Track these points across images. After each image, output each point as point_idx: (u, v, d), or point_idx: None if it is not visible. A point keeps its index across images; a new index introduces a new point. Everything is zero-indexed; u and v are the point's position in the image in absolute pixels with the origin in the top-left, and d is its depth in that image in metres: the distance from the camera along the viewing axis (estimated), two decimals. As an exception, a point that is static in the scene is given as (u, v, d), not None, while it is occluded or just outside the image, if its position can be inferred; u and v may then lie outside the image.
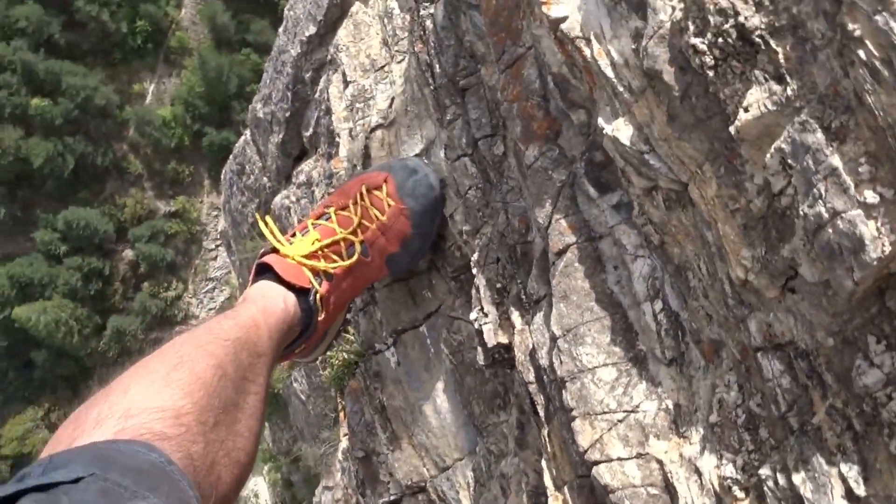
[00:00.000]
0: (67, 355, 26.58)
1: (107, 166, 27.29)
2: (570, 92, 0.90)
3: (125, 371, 0.91)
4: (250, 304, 1.18)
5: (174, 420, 0.81)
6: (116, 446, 0.72)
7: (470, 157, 1.25)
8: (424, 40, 1.35)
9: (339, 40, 1.72)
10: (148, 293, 27.84)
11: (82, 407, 0.85)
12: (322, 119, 6.93)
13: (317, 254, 1.37)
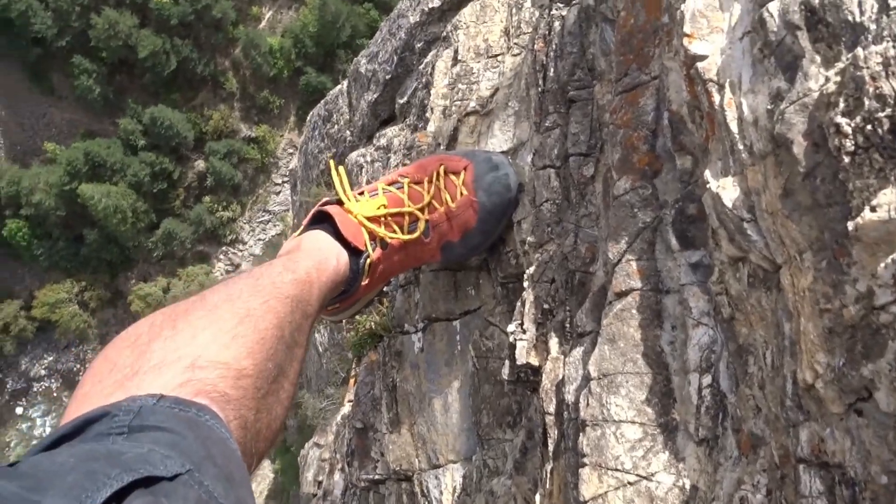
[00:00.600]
0: (115, 242, 27.40)
1: (205, 76, 27.91)
2: (683, 135, 0.85)
3: (190, 302, 0.87)
4: (306, 257, 1.15)
5: (235, 381, 0.78)
6: (200, 417, 0.70)
7: (557, 170, 1.20)
8: (547, 40, 1.31)
9: (460, 17, 1.68)
10: (206, 207, 28.48)
11: (143, 327, 0.82)
12: (419, 91, 6.95)
13: (379, 219, 1.35)
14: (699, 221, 0.82)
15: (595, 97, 1.15)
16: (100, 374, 0.77)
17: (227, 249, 29.92)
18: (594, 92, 1.15)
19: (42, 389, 29.44)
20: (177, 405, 0.70)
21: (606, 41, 1.12)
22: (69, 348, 29.39)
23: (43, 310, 27.66)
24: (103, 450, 0.60)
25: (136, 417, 0.66)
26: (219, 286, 0.94)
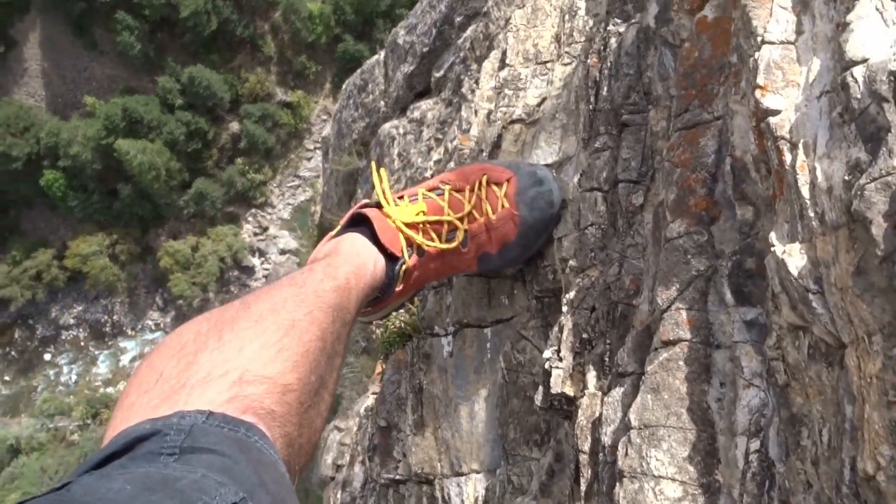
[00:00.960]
0: (148, 198, 27.74)
1: (244, 38, 27.94)
2: (746, 185, 0.81)
3: (235, 310, 0.86)
4: (345, 262, 1.13)
5: (280, 396, 0.77)
6: (250, 437, 0.69)
7: (604, 194, 1.17)
8: (601, 56, 1.27)
9: (514, 21, 1.64)
10: (238, 169, 28.68)
11: (188, 335, 0.81)
12: (456, 66, 6.90)
13: (418, 226, 1.33)
14: (757, 277, 0.79)
15: (649, 123, 1.11)
16: (146, 383, 0.76)
17: (257, 212, 30.17)
18: (649, 117, 1.11)
19: (70, 338, 30.08)
20: (226, 424, 0.69)
21: (665, 66, 1.08)
22: (98, 300, 29.94)
23: (75, 260, 28.18)
24: (158, 476, 0.59)
25: (188, 438, 0.65)
26: (262, 293, 0.93)
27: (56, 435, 27.89)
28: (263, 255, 29.94)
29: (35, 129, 27.01)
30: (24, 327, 30.13)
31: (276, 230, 30.13)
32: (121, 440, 0.66)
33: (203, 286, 28.37)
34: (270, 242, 30.00)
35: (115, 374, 29.67)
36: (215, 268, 28.45)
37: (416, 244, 1.32)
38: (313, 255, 1.31)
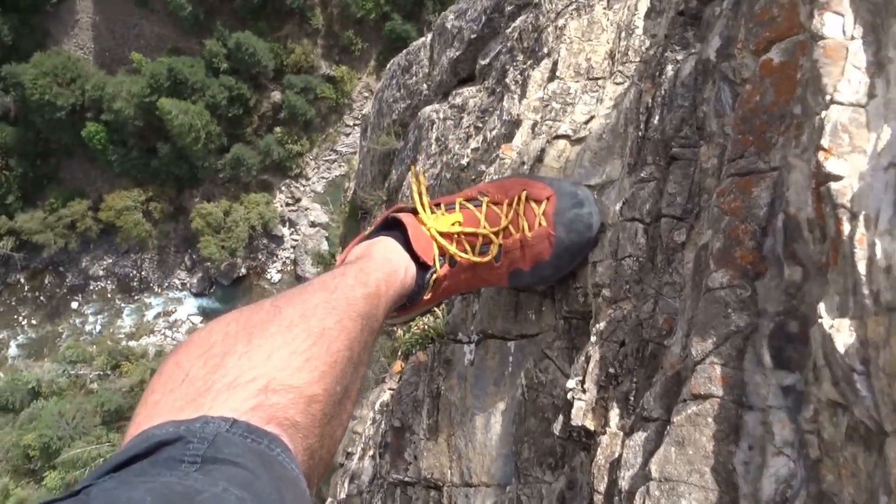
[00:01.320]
0: (186, 159, 28.03)
1: (293, 9, 28.00)
2: (797, 244, 0.78)
3: (265, 313, 0.84)
4: (377, 268, 1.12)
5: (305, 407, 0.76)
6: (272, 450, 0.69)
7: (645, 226, 1.14)
8: (656, 82, 1.23)
9: (568, 32, 1.61)
10: (276, 138, 28.86)
11: (217, 335, 0.80)
12: (502, 56, 6.87)
13: (452, 236, 1.31)
14: (799, 343, 0.76)
15: (700, 159, 1.08)
16: (171, 382, 0.76)
17: (291, 183, 30.36)
18: (699, 153, 1.08)
19: (98, 289, 30.62)
20: (250, 434, 0.69)
21: (722, 103, 1.05)
22: (128, 254, 30.41)
23: (109, 213, 28.63)
24: (180, 488, 0.59)
25: (211, 447, 0.65)
26: (294, 296, 0.91)
27: (76, 382, 28.47)
28: (293, 226, 30.14)
29: (81, 80, 27.39)
30: (55, 274, 30.74)
31: (308, 202, 30.30)
32: (143, 442, 0.66)
33: (231, 250, 28.67)
34: (301, 214, 30.20)
35: (138, 328, 30.18)
36: (245, 234, 28.72)
37: (449, 254, 1.30)
38: (345, 254, 1.30)
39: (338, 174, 29.50)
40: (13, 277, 30.51)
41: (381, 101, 15.59)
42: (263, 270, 30.17)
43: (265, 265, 30.19)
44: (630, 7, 1.54)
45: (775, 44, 0.91)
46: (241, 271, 29.77)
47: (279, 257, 30.19)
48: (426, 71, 12.13)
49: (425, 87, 12.25)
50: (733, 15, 1.06)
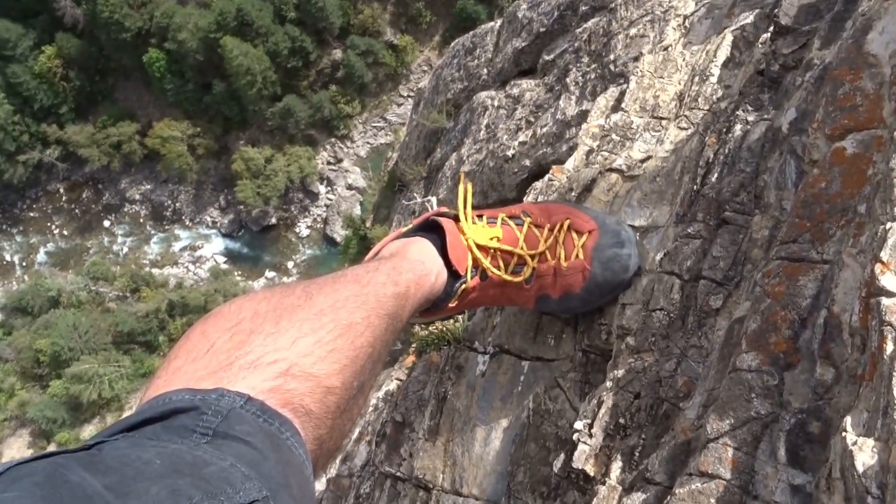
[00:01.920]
0: (238, 101, 28.24)
1: (368, -29, 27.94)
2: (835, 346, 0.77)
3: (297, 297, 0.85)
4: (409, 269, 1.12)
5: (321, 398, 0.77)
6: (282, 434, 0.70)
7: (683, 283, 1.13)
8: (721, 139, 1.21)
9: (641, 65, 1.58)
10: (330, 96, 28.93)
11: (246, 312, 0.81)
12: (567, 54, 6.80)
13: (489, 249, 1.30)
14: (817, 444, 0.75)
15: (751, 228, 1.06)
16: (196, 350, 0.77)
17: (336, 142, 30.46)
18: (752, 222, 1.06)
19: (131, 212, 31.11)
20: (262, 413, 0.69)
21: (785, 177, 1.03)
22: (166, 183, 30.81)
23: (155, 140, 28.98)
24: (189, 458, 0.60)
25: (224, 422, 0.65)
26: (327, 285, 0.92)
27: (95, 298, 29.04)
28: (331, 185, 30.30)
29: (151, 6, 27.65)
30: (93, 190, 31.28)
31: (349, 164, 30.41)
32: (159, 407, 0.67)
33: (266, 198, 28.91)
34: (341, 175, 30.32)
35: (163, 257, 30.64)
36: (282, 184, 28.93)
37: (482, 267, 1.30)
38: (379, 247, 1.30)
39: (383, 142, 29.54)
40: (53, 186, 31.10)
41: (439, 77, 15.48)
42: (293, 223, 30.40)
43: (296, 218, 30.41)
44: (709, 52, 1.51)
45: (852, 133, 0.89)
46: (271, 220, 30.03)
47: (311, 213, 30.39)
48: (489, 56, 12.01)
49: (485, 73, 12.15)
50: (814, 90, 1.03)
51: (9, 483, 0.50)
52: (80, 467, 0.54)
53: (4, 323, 28.92)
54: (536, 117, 9.07)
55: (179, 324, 27.55)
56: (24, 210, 31.05)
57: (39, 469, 0.52)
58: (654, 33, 7.28)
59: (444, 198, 11.84)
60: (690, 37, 2.05)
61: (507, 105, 10.78)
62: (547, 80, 9.10)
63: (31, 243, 30.79)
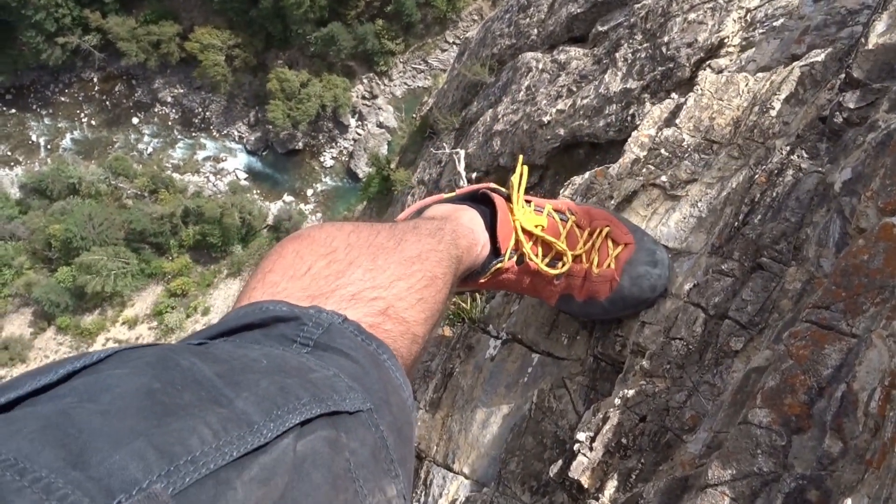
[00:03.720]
0: (283, 19, 27.93)
1: None
2: (848, 422, 0.79)
3: (386, 237, 0.86)
4: (464, 235, 1.14)
5: (409, 344, 0.78)
6: (381, 355, 0.69)
7: (707, 318, 1.15)
8: (771, 180, 1.21)
9: (703, 83, 1.57)
10: (375, 30, 28.55)
11: (339, 241, 0.81)
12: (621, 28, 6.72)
13: (532, 235, 1.32)
14: (812, 512, 0.78)
15: (785, 278, 1.07)
16: (293, 269, 0.77)
17: (373, 77, 30.19)
18: (787, 272, 1.08)
19: (161, 113, 31.11)
20: (360, 334, 0.69)
21: (829, 234, 1.03)
22: (199, 90, 30.72)
23: (194, 45, 28.79)
24: (294, 362, 0.60)
25: (325, 333, 0.65)
26: (410, 234, 0.93)
27: (113, 192, 29.28)
28: (362, 120, 30.14)
29: None
30: (127, 85, 31.24)
31: (383, 102, 30.19)
32: (258, 314, 0.67)
33: (296, 122, 28.83)
34: (373, 111, 30.13)
35: (185, 163, 30.75)
36: (314, 110, 28.81)
37: (522, 252, 1.31)
38: (420, 205, 1.31)
39: (420, 85, 29.25)
40: (88, 74, 31.08)
41: (487, 30, 15.23)
42: (319, 152, 30.37)
43: (322, 147, 30.36)
44: (773, 83, 1.50)
45: (904, 211, 0.90)
46: (297, 144, 30.00)
47: (338, 145, 30.32)
48: (541, 17, 11.79)
49: (535, 33, 11.95)
50: (874, 154, 1.03)
51: (119, 363, 0.51)
52: (191, 354, 0.54)
53: (21, 202, 29.25)
54: (579, 87, 8.93)
55: (192, 231, 27.80)
56: (56, 94, 31.10)
57: (150, 352, 0.53)
58: (714, 22, 7.11)
59: (472, 152, 11.78)
60: (755, 53, 2.02)
61: (552, 70, 10.62)
62: (596, 52, 8.94)
63: (59, 127, 30.93)
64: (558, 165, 9.84)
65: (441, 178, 13.37)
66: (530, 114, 9.71)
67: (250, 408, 0.51)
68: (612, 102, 8.41)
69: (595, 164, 10.00)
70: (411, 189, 14.83)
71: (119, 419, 0.44)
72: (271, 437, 0.50)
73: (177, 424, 0.46)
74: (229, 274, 28.61)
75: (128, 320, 27.87)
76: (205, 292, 28.41)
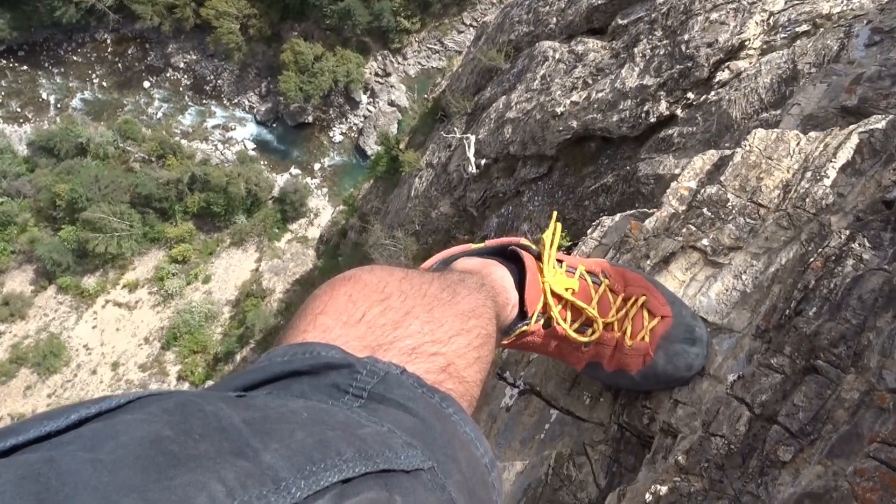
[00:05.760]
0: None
1: None
2: None
3: (440, 288, 0.80)
4: (498, 294, 1.08)
5: (467, 406, 0.73)
6: (446, 409, 0.63)
7: (753, 417, 1.07)
8: (827, 267, 1.13)
9: (751, 139, 1.48)
10: (392, 7, 28.31)
11: (392, 286, 0.76)
12: (641, 23, 6.64)
13: (561, 299, 1.24)
14: None
15: (842, 386, 0.99)
16: (346, 314, 0.72)
17: (388, 55, 29.94)
18: (844, 379, 1.00)
19: (173, 79, 30.91)
20: (421, 386, 0.64)
21: (894, 343, 0.95)
22: (212, 58, 30.51)
23: (210, 12, 28.53)
24: (341, 416, 0.53)
25: (381, 383, 0.60)
26: (462, 287, 0.87)
27: (121, 155, 29.17)
28: (373, 97, 29.92)
29: None
30: (140, 48, 31.00)
31: (396, 80, 29.94)
32: (308, 359, 0.61)
33: (308, 95, 28.62)
34: (385, 89, 29.90)
35: (194, 130, 30.59)
36: (326, 85, 28.59)
37: (550, 315, 1.23)
38: (447, 254, 1.23)
39: (435, 66, 29.00)
40: (101, 35, 30.82)
41: (506, 15, 14.97)
42: (329, 127, 30.18)
43: (332, 122, 30.17)
44: (828, 147, 1.40)
45: None
46: (307, 118, 29.81)
47: (348, 120, 30.12)
48: (561, 6, 11.57)
49: (554, 22, 11.74)
50: (951, 263, 0.95)
51: (138, 408, 0.45)
52: (219, 400, 0.48)
53: (29, 159, 29.14)
54: (595, 80, 8.84)
55: (197, 198, 27.72)
56: (69, 53, 30.88)
57: (172, 398, 0.47)
58: (736, 23, 7.01)
59: (483, 138, 11.68)
60: (799, 97, 1.92)
61: (569, 60, 10.50)
62: (614, 45, 8.83)
63: (70, 87, 30.74)
64: (568, 157, 9.74)
65: (450, 163, 13.30)
66: (544, 103, 9.61)
67: (279, 462, 0.43)
68: (627, 98, 8.30)
69: (605, 159, 9.83)
70: (419, 171, 14.76)
71: (113, 471, 0.37)
72: (301, 497, 0.42)
73: (183, 479, 0.39)
74: (232, 243, 28.56)
75: (128, 283, 27.87)
76: (206, 260, 28.39)
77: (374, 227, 15.02)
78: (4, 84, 30.33)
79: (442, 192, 13.36)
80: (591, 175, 7.82)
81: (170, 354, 26.69)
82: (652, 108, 6.86)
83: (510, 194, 10.12)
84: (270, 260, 27.81)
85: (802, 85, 1.81)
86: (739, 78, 5.66)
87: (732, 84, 5.70)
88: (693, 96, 6.36)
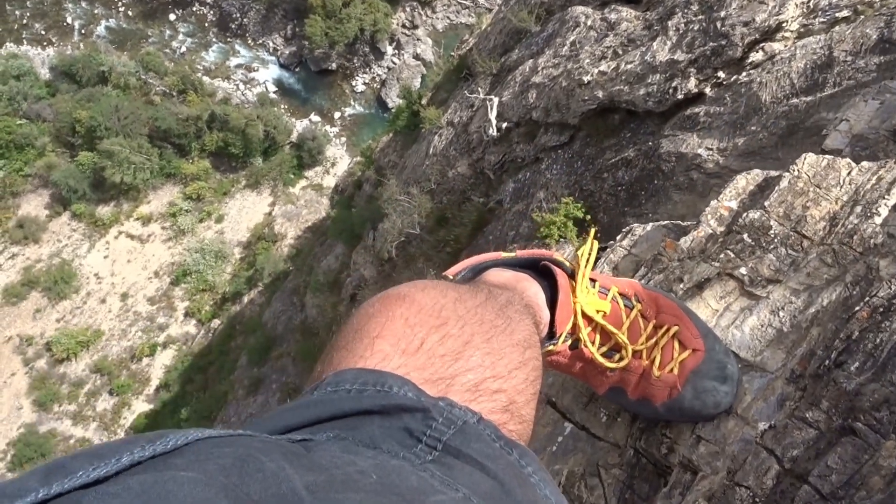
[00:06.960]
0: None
1: None
2: None
3: (495, 314, 0.77)
4: (537, 311, 1.04)
5: (525, 443, 0.70)
6: (524, 468, 0.60)
7: (781, 470, 1.03)
8: (873, 317, 1.08)
9: (801, 164, 1.41)
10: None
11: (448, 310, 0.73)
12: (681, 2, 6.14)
13: (591, 321, 1.19)
14: None
15: (880, 452, 0.95)
16: (404, 341, 0.68)
17: (416, 7, 29.47)
18: (883, 445, 0.95)
19: (199, 13, 30.59)
20: (499, 439, 0.60)
21: (942, 417, 0.91)
22: None
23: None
24: (413, 480, 0.49)
25: (457, 434, 0.56)
26: (510, 308, 0.83)
27: (142, 87, 29.02)
28: (399, 49, 29.52)
29: None
30: (168, -22, 30.59)
31: (423, 34, 29.49)
32: (380, 399, 0.57)
33: (333, 41, 28.27)
34: (412, 41, 29.47)
35: (217, 68, 30.35)
36: (352, 32, 28.21)
37: (578, 337, 1.18)
38: (475, 261, 1.18)
39: (463, 21, 28.53)
40: (130, -39, 30.45)
41: (518, -6, 14.23)
42: (352, 75, 29.86)
43: (356, 71, 29.83)
44: (881, 181, 1.34)
45: None
46: (331, 65, 29.48)
47: (372, 71, 29.78)
48: (594, -33, 11.05)
49: (590, -16, 11.21)
50: None
51: (193, 459, 0.42)
52: (281, 456, 0.45)
53: (50, 84, 29.04)
54: (625, 51, 8.63)
55: (215, 137, 27.63)
56: (96, -22, 30.53)
57: (230, 452, 0.43)
58: (775, 3, 6.77)
59: (506, 101, 11.49)
60: (848, 113, 1.84)
61: (600, 28, 10.25)
62: (648, 16, 8.61)
63: (95, 13, 30.46)
64: (591, 128, 9.55)
65: (471, 123, 13.14)
66: (571, 71, 9.41)
67: None
68: (656, 72, 8.11)
69: (628, 133, 9.63)
70: (439, 129, 14.60)
71: None
72: None
73: None
74: (247, 185, 28.55)
75: (142, 216, 27.99)
76: (220, 200, 28.43)
77: (390, 181, 14.91)
78: (30, 5, 30.07)
79: (461, 152, 13.23)
80: (612, 147, 7.69)
81: (178, 290, 26.92)
82: (680, 84, 6.71)
83: (529, 160, 10.00)
84: (284, 205, 27.81)
85: (853, 101, 1.72)
86: (773, 60, 5.50)
87: (765, 66, 5.55)
88: (724, 75, 6.20)
